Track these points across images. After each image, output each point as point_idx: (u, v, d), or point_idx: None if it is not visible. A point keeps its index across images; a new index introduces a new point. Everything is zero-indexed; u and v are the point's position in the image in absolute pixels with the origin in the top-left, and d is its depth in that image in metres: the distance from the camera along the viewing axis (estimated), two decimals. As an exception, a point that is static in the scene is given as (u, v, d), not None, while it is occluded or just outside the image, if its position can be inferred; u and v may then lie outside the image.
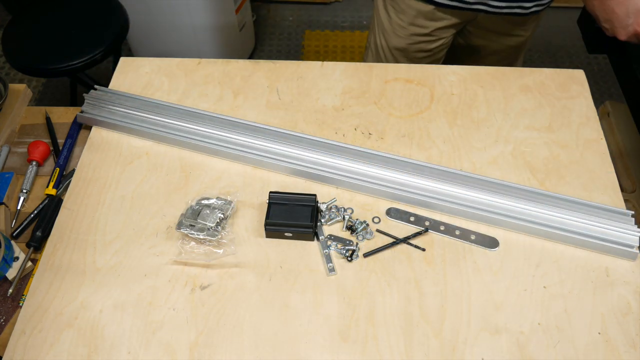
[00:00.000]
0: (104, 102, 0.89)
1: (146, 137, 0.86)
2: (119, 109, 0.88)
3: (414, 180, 0.78)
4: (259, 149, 0.83)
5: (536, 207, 0.75)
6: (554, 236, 0.73)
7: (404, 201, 0.78)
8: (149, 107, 0.88)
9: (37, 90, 2.22)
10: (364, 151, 0.82)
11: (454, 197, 0.77)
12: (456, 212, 0.76)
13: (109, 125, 0.88)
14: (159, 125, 0.86)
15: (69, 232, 0.76)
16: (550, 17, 2.49)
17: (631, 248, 0.71)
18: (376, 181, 0.78)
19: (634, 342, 0.65)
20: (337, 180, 0.79)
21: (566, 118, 0.88)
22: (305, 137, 0.84)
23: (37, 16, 1.68)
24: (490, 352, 0.65)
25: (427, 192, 0.77)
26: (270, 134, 0.84)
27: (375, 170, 0.79)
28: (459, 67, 0.95)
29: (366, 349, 0.65)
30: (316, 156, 0.81)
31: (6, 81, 0.95)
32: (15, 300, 0.74)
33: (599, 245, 0.72)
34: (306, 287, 0.70)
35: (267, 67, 0.96)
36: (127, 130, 0.87)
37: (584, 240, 0.72)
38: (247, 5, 2.13)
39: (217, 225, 0.74)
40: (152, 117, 0.87)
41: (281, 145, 0.82)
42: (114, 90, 0.92)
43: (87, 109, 0.89)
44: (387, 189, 0.78)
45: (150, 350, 0.66)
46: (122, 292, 0.70)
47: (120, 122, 0.87)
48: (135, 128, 0.86)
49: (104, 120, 0.87)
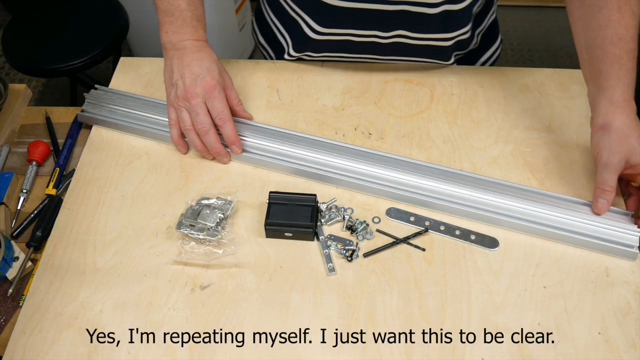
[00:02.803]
0: (105, 102, 0.89)
1: (147, 136, 0.86)
2: (119, 108, 0.88)
3: (414, 179, 0.78)
4: (260, 148, 0.83)
5: (536, 206, 0.75)
6: (553, 236, 0.73)
7: (404, 201, 0.78)
8: (149, 107, 0.88)
9: (37, 90, 2.22)
10: (365, 151, 0.82)
11: (454, 196, 0.77)
12: (456, 212, 0.76)
13: (110, 125, 0.88)
14: (159, 124, 0.86)
15: (69, 232, 0.76)
16: (550, 17, 2.49)
17: (631, 248, 0.71)
18: (377, 180, 0.78)
19: (634, 342, 0.65)
20: (337, 179, 0.79)
21: (566, 118, 0.88)
22: (305, 136, 0.84)
23: (37, 16, 1.68)
24: (490, 352, 0.65)
25: (427, 192, 0.77)
26: (270, 133, 0.84)
27: (375, 169, 0.79)
28: (459, 67, 0.95)
29: (366, 349, 0.65)
30: (316, 155, 0.81)
31: (6, 81, 0.95)
32: (15, 300, 0.74)
33: (599, 245, 0.72)
34: (306, 287, 0.70)
35: (267, 67, 0.96)
36: (127, 130, 0.87)
37: (583, 240, 0.72)
38: (247, 5, 2.13)
39: (217, 225, 0.74)
40: (153, 116, 0.87)
41: (281, 145, 0.82)
42: (114, 90, 0.92)
43: (88, 108, 0.89)
44: (387, 189, 0.78)
45: (150, 350, 0.66)
46: (122, 292, 0.70)
47: (121, 122, 0.86)
48: (136, 127, 0.86)
49: (105, 120, 0.87)
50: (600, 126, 0.73)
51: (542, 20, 2.49)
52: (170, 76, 0.81)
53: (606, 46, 0.72)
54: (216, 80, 0.79)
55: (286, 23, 0.94)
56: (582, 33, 0.76)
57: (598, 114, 0.74)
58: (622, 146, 0.71)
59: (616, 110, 0.72)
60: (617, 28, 0.71)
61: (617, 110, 0.72)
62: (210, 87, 0.78)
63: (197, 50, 0.81)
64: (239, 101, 0.85)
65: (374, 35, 0.87)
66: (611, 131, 0.72)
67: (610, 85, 0.72)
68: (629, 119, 0.71)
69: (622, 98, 0.72)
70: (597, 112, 0.74)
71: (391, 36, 0.86)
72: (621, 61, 0.71)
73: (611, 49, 0.71)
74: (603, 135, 0.72)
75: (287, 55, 0.96)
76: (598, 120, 0.73)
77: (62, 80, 2.21)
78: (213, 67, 0.80)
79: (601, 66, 0.73)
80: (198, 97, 0.78)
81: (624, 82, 0.72)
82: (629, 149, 0.71)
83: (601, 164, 0.73)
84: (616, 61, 0.71)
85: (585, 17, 0.74)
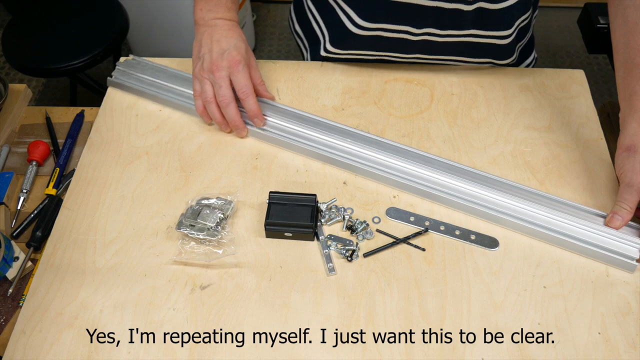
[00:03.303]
0: (134, 70, 0.94)
1: (171, 106, 0.90)
2: (147, 77, 0.93)
3: (419, 170, 0.79)
4: (277, 127, 0.85)
5: (536, 208, 0.75)
6: (554, 240, 0.73)
7: (408, 190, 0.79)
8: (177, 79, 0.92)
9: (37, 90, 2.22)
10: (381, 140, 0.83)
11: (456, 190, 0.77)
12: (456, 206, 0.76)
13: (136, 92, 0.92)
14: (184, 96, 0.90)
15: (69, 232, 0.76)
16: (550, 17, 2.49)
17: (631, 260, 0.71)
18: (382, 168, 0.80)
19: (634, 342, 0.65)
20: (343, 162, 0.81)
21: (566, 118, 0.88)
22: (324, 121, 0.86)
23: (37, 16, 1.68)
24: (490, 352, 0.65)
25: (430, 183, 0.78)
26: (289, 114, 0.87)
27: (380, 156, 0.81)
28: (459, 67, 0.95)
29: (366, 348, 0.65)
30: (323, 137, 0.84)
31: (6, 81, 0.95)
32: (15, 300, 0.74)
33: (599, 254, 0.72)
34: (306, 287, 0.70)
35: (267, 67, 0.96)
36: (153, 99, 0.91)
37: (583, 247, 0.72)
38: (247, 5, 2.13)
39: (217, 225, 0.74)
40: (179, 88, 0.90)
41: (298, 127, 0.85)
42: (146, 60, 0.96)
43: (117, 75, 0.94)
44: (394, 177, 0.79)
45: (150, 350, 0.66)
46: (122, 292, 0.71)
47: (147, 90, 0.91)
48: (161, 97, 0.90)
49: (132, 87, 0.91)
50: (626, 147, 0.73)
51: (542, 20, 2.49)
52: (199, 50, 0.84)
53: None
54: (242, 55, 0.81)
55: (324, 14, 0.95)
56: (622, 51, 0.75)
57: (626, 134, 0.73)
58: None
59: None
60: None
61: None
62: (236, 62, 0.80)
63: (228, 29, 0.84)
64: (262, 81, 0.87)
65: (405, 32, 0.86)
66: (637, 153, 0.71)
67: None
68: None
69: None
70: (626, 132, 0.73)
71: (421, 33, 0.86)
72: None
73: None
74: (629, 157, 0.72)
75: (323, 52, 0.96)
76: (625, 141, 0.73)
77: (62, 80, 2.21)
78: (241, 44, 0.83)
79: (637, 87, 0.72)
80: (223, 71, 0.80)
81: None
82: None
83: (624, 184, 0.72)
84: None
85: (627, 35, 0.74)
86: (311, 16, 0.99)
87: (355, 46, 0.91)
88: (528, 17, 0.89)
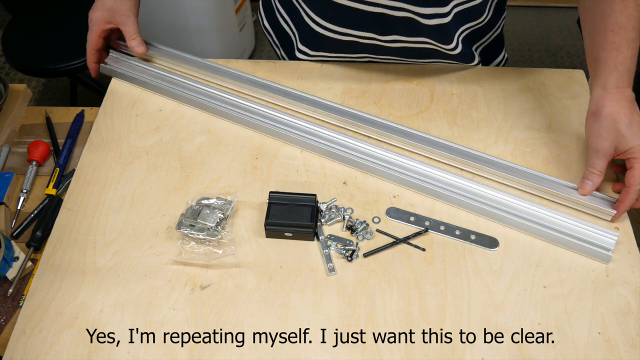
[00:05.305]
0: (126, 58, 0.97)
1: (162, 93, 0.92)
2: (138, 64, 0.96)
3: (420, 166, 0.80)
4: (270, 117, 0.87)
5: (532, 204, 0.76)
6: (530, 230, 0.74)
7: (409, 186, 0.79)
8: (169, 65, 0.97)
9: (37, 90, 2.22)
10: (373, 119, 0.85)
11: (456, 187, 0.78)
12: (458, 202, 0.77)
13: (127, 78, 0.94)
14: (175, 84, 0.92)
15: (69, 232, 0.76)
16: (550, 17, 2.49)
17: (607, 251, 0.71)
18: (383, 164, 0.80)
19: (634, 342, 0.65)
20: (344, 157, 0.81)
21: (566, 118, 0.88)
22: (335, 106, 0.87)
23: (37, 16, 1.68)
24: (490, 352, 0.65)
25: (431, 180, 0.79)
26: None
27: (382, 152, 0.82)
28: (459, 67, 0.95)
29: (366, 349, 0.65)
30: (327, 133, 0.84)
31: (6, 81, 0.95)
32: (15, 300, 0.74)
33: (575, 244, 0.72)
34: (306, 287, 0.70)
35: (267, 67, 0.96)
36: (143, 85, 0.93)
37: (560, 237, 0.73)
38: (247, 5, 2.13)
39: (217, 225, 0.74)
40: (170, 76, 0.93)
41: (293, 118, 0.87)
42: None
43: (110, 62, 0.97)
44: (393, 173, 0.79)
45: (150, 350, 0.66)
46: (122, 292, 0.71)
47: (138, 77, 0.93)
48: (152, 84, 0.92)
49: (123, 73, 0.95)
50: (592, 112, 0.75)
51: (542, 20, 2.49)
52: None
53: (607, 34, 0.73)
54: (96, 17, 0.92)
55: (291, 13, 0.96)
56: (588, 21, 0.77)
57: (592, 100, 0.76)
58: (611, 132, 0.72)
59: (607, 97, 0.73)
60: (619, 17, 0.72)
61: (608, 96, 0.73)
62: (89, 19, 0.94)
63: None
64: (132, 36, 0.93)
65: (372, 38, 0.87)
66: (601, 117, 0.73)
67: (605, 72, 0.73)
68: (619, 105, 0.72)
69: (615, 85, 0.73)
70: (592, 98, 0.76)
71: (390, 40, 0.87)
72: (619, 49, 0.72)
73: (611, 37, 0.73)
74: (594, 122, 0.74)
75: (297, 53, 0.97)
76: (591, 107, 0.76)
77: (62, 80, 2.21)
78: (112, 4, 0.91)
79: (600, 54, 0.74)
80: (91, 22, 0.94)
81: (620, 70, 0.73)
82: (617, 136, 0.72)
83: (591, 149, 0.75)
84: (614, 49, 0.72)
85: (592, 6, 0.76)
86: (279, 15, 1.00)
87: (324, 47, 0.93)
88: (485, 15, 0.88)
